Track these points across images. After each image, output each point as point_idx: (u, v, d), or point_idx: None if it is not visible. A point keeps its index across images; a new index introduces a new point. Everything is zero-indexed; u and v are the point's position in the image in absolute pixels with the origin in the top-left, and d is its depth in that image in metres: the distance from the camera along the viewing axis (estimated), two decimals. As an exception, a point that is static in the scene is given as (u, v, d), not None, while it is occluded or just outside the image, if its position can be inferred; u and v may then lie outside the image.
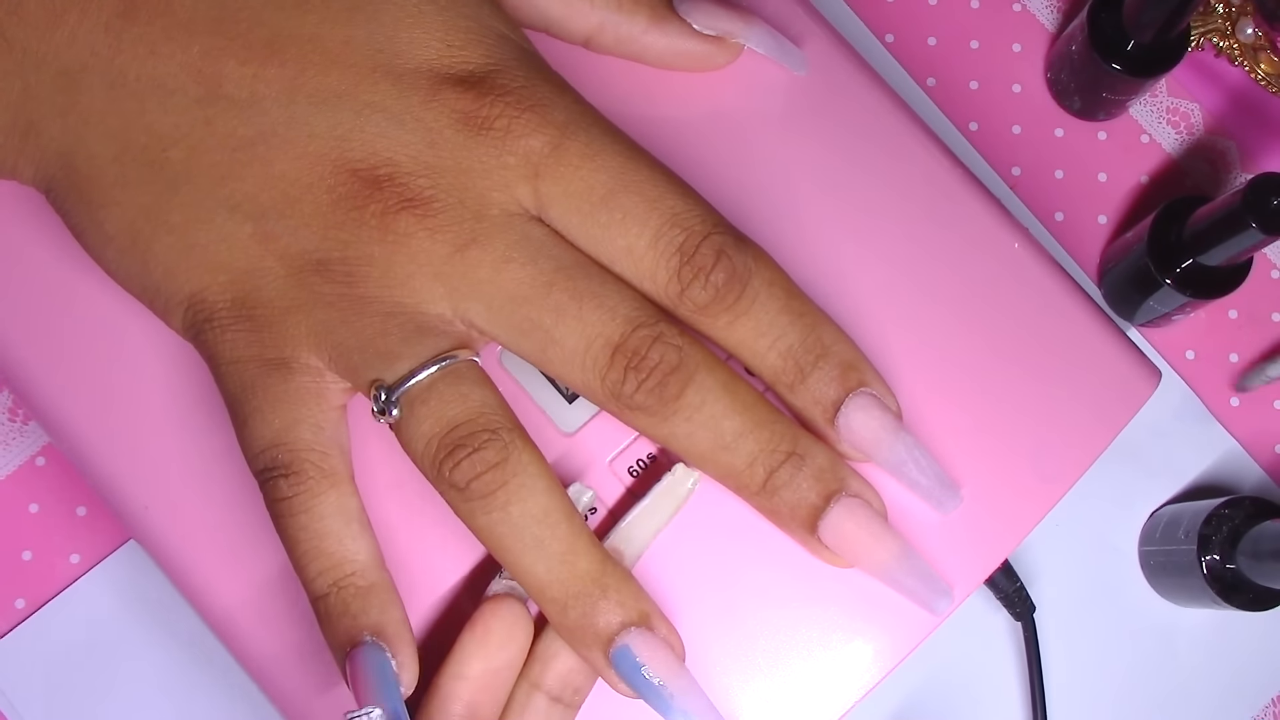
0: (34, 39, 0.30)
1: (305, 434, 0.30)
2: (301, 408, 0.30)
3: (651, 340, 0.29)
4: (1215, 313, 0.52)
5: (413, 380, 0.29)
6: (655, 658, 0.30)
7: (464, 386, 0.29)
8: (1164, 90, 0.54)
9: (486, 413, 0.29)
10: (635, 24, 0.34)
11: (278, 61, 0.30)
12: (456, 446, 0.29)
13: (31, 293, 0.35)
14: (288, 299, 0.30)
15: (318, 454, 0.30)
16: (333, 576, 0.30)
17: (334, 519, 0.30)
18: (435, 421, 0.29)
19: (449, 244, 0.29)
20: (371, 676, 0.29)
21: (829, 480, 0.31)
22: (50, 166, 0.31)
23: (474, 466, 0.29)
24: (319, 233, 0.30)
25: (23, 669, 0.49)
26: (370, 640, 0.30)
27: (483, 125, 0.30)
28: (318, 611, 0.30)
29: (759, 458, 0.31)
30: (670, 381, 0.29)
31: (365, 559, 0.30)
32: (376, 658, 0.29)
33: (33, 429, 0.50)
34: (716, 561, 0.34)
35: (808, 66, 0.35)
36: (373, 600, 0.30)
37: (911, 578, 0.32)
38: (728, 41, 0.34)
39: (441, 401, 0.29)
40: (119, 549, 0.49)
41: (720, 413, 0.30)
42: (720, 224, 0.30)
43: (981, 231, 0.36)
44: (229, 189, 0.30)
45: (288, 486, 0.30)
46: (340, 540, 0.30)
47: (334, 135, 0.30)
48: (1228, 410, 0.52)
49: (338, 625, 0.30)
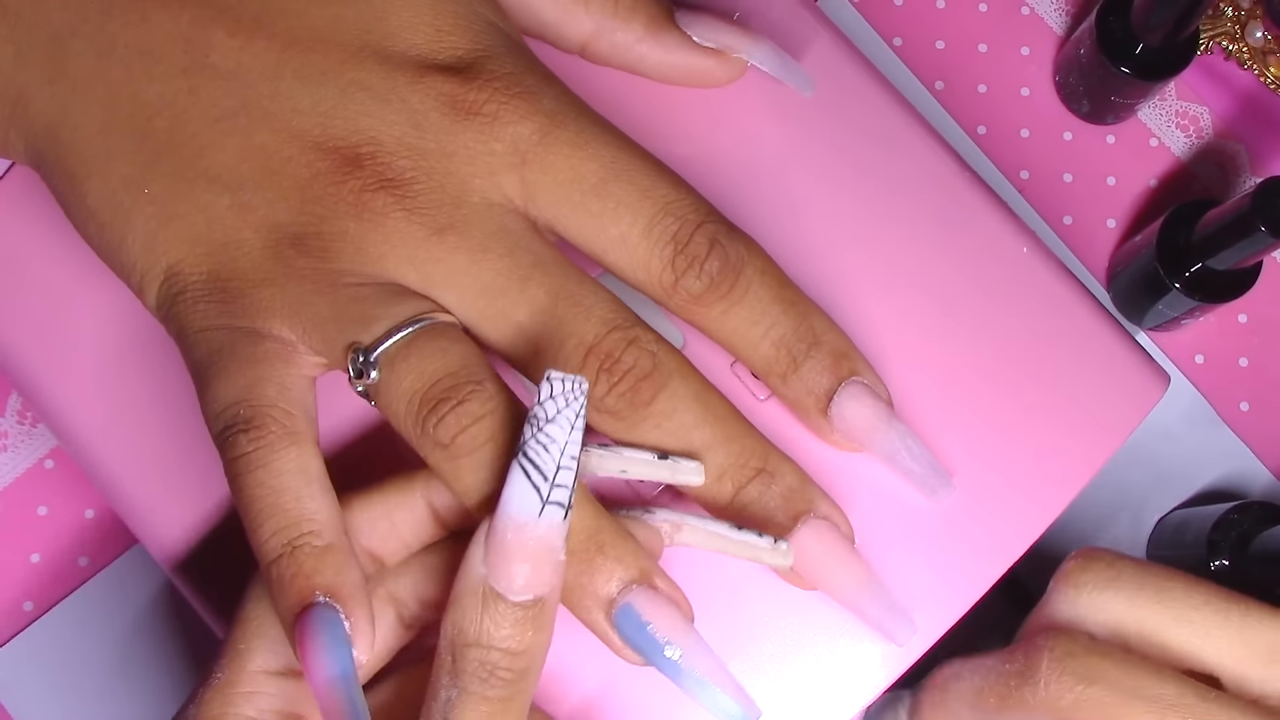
0: (28, 4, 0.30)
1: (269, 391, 0.29)
2: (268, 368, 0.29)
3: (626, 343, 0.29)
4: (1224, 317, 0.52)
5: (391, 339, 0.28)
6: (660, 615, 0.28)
7: (443, 342, 0.28)
8: (1173, 94, 0.54)
9: (469, 365, 0.28)
10: (631, 32, 0.33)
11: (265, 35, 0.30)
12: (440, 401, 0.27)
13: (40, 296, 0.35)
14: (262, 272, 0.29)
15: (281, 410, 0.29)
16: (287, 535, 0.28)
17: (293, 476, 0.28)
18: (416, 377, 0.28)
19: (425, 227, 0.29)
20: (321, 635, 0.27)
21: (797, 501, 0.30)
22: (39, 139, 0.31)
23: (459, 420, 0.27)
24: (296, 206, 0.29)
25: (31, 671, 0.49)
26: (324, 600, 0.27)
27: (469, 110, 0.29)
28: (269, 578, 0.28)
29: (728, 472, 0.30)
30: (643, 387, 0.29)
31: (324, 519, 0.28)
32: (329, 617, 0.27)
33: (41, 432, 0.50)
34: (724, 564, 0.33)
35: (814, 87, 0.35)
36: (328, 560, 0.28)
37: (875, 605, 0.31)
38: (729, 57, 0.34)
39: (421, 357, 0.28)
40: (127, 552, 0.49)
41: (691, 422, 0.30)
42: (712, 213, 0.30)
43: (990, 235, 0.35)
44: (209, 160, 0.30)
45: (247, 441, 0.28)
46: (299, 498, 0.28)
47: (317, 111, 0.29)
48: (1237, 414, 0.52)
49: (290, 587, 0.27)
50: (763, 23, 0.36)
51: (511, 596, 0.26)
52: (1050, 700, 0.29)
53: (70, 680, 0.49)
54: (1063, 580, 0.32)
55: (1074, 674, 0.29)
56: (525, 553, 0.26)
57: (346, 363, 0.28)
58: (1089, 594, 0.31)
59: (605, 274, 0.31)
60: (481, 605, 0.26)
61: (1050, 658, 0.30)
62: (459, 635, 0.27)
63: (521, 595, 0.26)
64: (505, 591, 0.26)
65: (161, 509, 0.34)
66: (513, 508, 0.26)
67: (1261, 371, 0.52)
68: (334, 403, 0.33)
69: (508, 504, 0.26)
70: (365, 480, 0.31)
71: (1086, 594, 0.31)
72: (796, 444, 0.33)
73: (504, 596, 0.26)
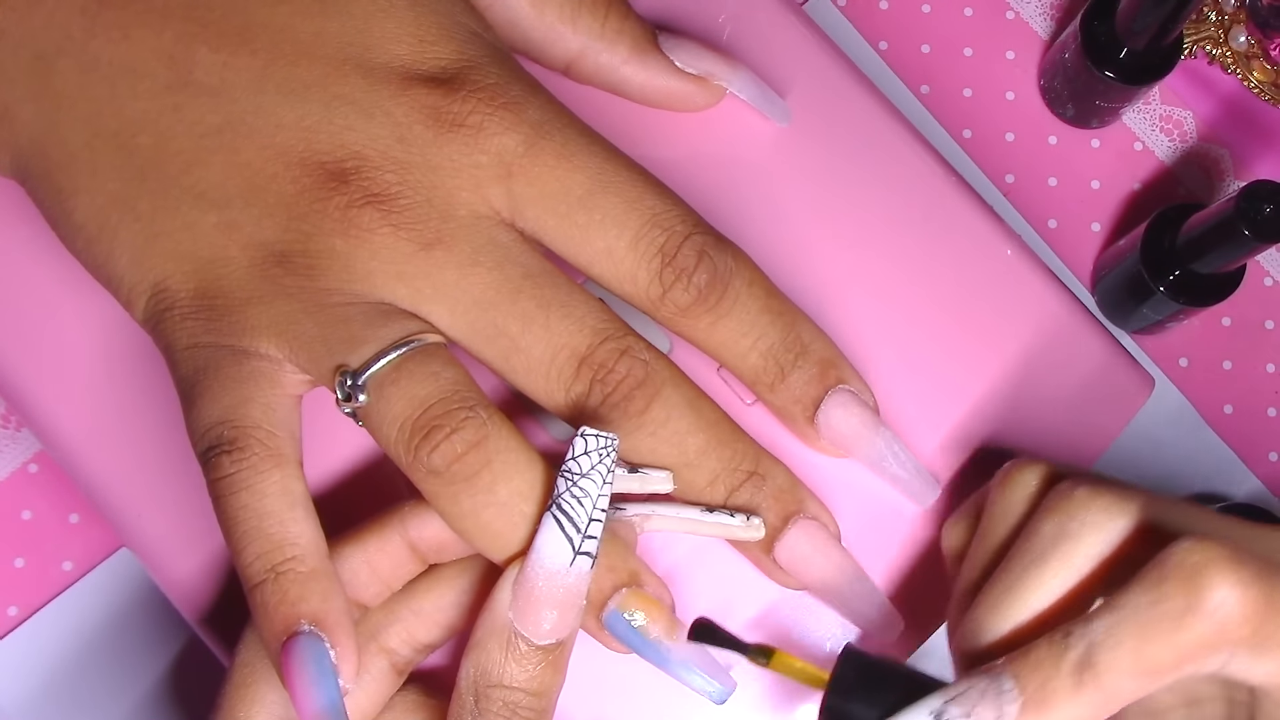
0: (12, 22, 0.30)
1: (254, 412, 0.29)
2: (254, 388, 0.29)
3: (619, 353, 0.29)
4: (1208, 320, 0.52)
5: (380, 362, 0.28)
6: (647, 614, 0.29)
7: (434, 365, 0.28)
8: (1157, 98, 0.54)
9: (460, 390, 0.28)
10: (616, 54, 0.33)
11: (248, 50, 0.29)
12: (433, 428, 0.27)
13: (23, 300, 0.35)
14: (248, 290, 0.29)
15: (265, 432, 0.29)
16: (271, 560, 0.28)
17: (277, 499, 0.28)
18: (407, 402, 0.28)
19: (413, 242, 0.29)
20: (308, 666, 0.27)
21: (788, 501, 0.31)
22: (24, 154, 0.31)
23: (454, 447, 0.27)
24: (282, 223, 0.29)
25: (15, 676, 0.48)
26: (309, 629, 0.28)
27: (454, 122, 0.29)
28: (253, 602, 0.28)
29: (720, 476, 0.30)
30: (636, 396, 0.29)
31: (308, 544, 0.28)
32: (314, 647, 0.27)
33: (25, 436, 0.49)
34: (722, 558, 0.34)
35: (790, 118, 0.35)
36: (313, 587, 0.28)
37: (863, 604, 0.32)
38: (710, 83, 0.34)
39: (411, 381, 0.28)
40: (111, 556, 0.49)
41: (684, 429, 0.30)
42: (700, 224, 0.30)
43: (975, 239, 0.36)
44: (195, 176, 0.29)
45: (230, 463, 0.28)
46: (282, 522, 0.28)
47: (301, 126, 0.29)
48: (1221, 418, 0.52)
49: (274, 614, 0.28)
50: (748, 27, 0.36)
51: (537, 641, 0.27)
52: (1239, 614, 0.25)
53: (54, 684, 0.49)
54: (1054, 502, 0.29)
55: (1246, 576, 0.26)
56: (554, 600, 0.27)
57: (334, 384, 0.28)
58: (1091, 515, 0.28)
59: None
60: (505, 648, 0.27)
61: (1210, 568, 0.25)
62: (482, 676, 0.28)
63: (546, 640, 0.27)
64: (532, 636, 0.27)
65: (146, 513, 0.34)
66: (545, 556, 0.27)
67: (1245, 375, 0.52)
68: (319, 420, 0.33)
69: (540, 552, 0.27)
70: (348, 498, 0.31)
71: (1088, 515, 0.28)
72: (783, 447, 0.33)
73: (529, 640, 0.27)
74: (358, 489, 0.34)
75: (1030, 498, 0.30)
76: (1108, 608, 0.26)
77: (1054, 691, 0.26)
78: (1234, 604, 0.25)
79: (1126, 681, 0.26)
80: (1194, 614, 0.25)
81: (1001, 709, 0.26)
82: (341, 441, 0.34)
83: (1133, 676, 0.26)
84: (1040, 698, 0.26)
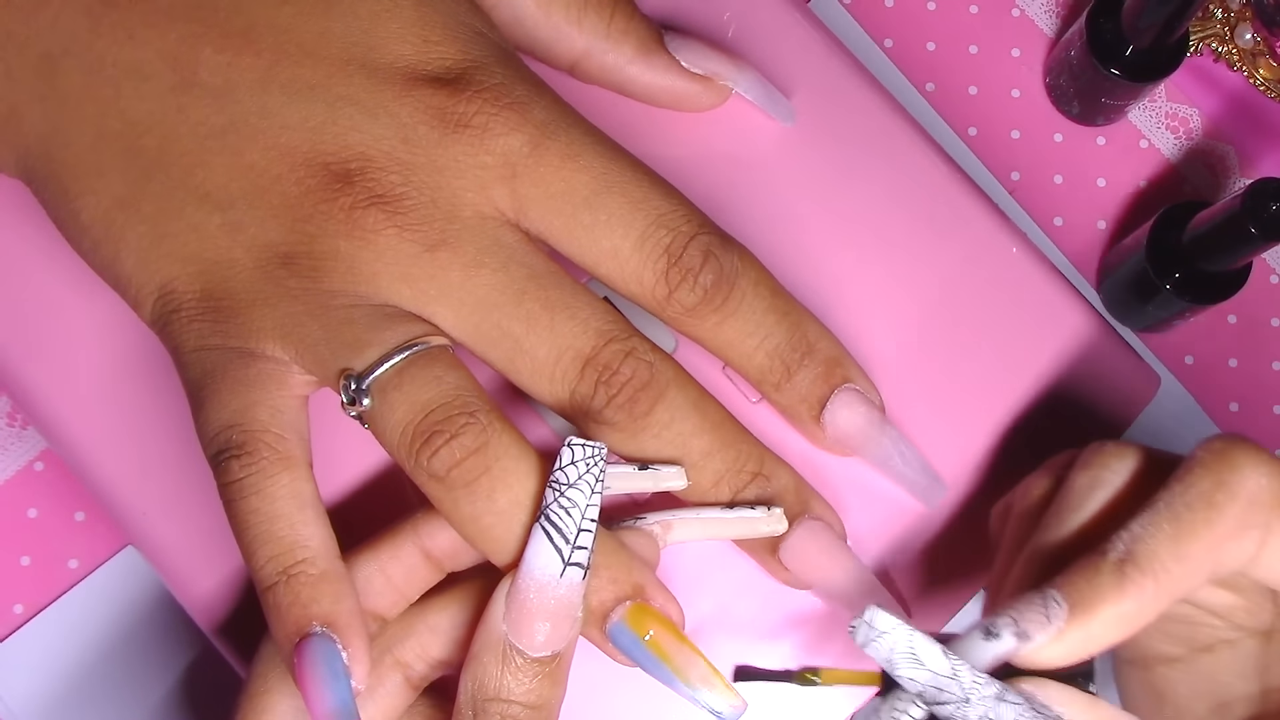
0: (18, 22, 0.30)
1: (262, 415, 0.29)
2: (261, 391, 0.29)
3: (624, 355, 0.29)
4: (1214, 318, 0.52)
5: (383, 367, 0.28)
6: (652, 628, 0.28)
7: (437, 370, 0.28)
8: (1163, 95, 0.54)
9: (462, 395, 0.28)
10: (621, 53, 0.33)
11: (253, 51, 0.29)
12: (433, 433, 0.27)
13: (29, 299, 0.35)
14: (253, 292, 0.29)
15: (273, 435, 0.29)
16: (283, 563, 0.28)
17: (287, 502, 0.28)
18: (409, 407, 0.28)
19: (418, 243, 0.29)
20: (320, 668, 0.27)
21: (792, 502, 0.31)
22: (30, 155, 0.31)
23: (453, 453, 0.27)
24: (286, 225, 0.29)
25: (21, 674, 0.48)
26: (321, 631, 0.28)
27: (459, 123, 0.29)
28: (266, 604, 0.28)
29: (725, 477, 0.30)
30: (641, 397, 0.29)
31: (318, 545, 0.29)
32: (326, 648, 0.28)
33: (31, 434, 0.49)
34: (724, 560, 0.34)
35: (795, 118, 0.35)
36: (324, 589, 0.28)
37: (869, 604, 0.31)
38: (715, 83, 0.34)
39: (414, 385, 0.28)
40: (117, 554, 0.49)
41: (689, 430, 0.30)
42: (706, 224, 0.30)
43: (981, 237, 0.36)
44: (199, 178, 0.29)
45: (240, 467, 0.28)
46: (292, 525, 0.28)
47: (306, 127, 0.29)
48: (1227, 415, 0.52)
49: (286, 616, 0.28)
50: (753, 25, 0.36)
51: (532, 653, 0.27)
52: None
53: (60, 683, 0.49)
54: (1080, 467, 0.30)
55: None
56: (546, 612, 0.27)
57: (339, 388, 0.28)
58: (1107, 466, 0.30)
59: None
60: (501, 661, 0.27)
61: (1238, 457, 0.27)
62: (480, 690, 0.28)
63: (541, 652, 0.27)
64: (526, 648, 0.27)
65: (151, 511, 0.34)
66: (535, 568, 0.27)
67: (1251, 372, 0.52)
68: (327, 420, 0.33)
69: (530, 565, 0.27)
70: (361, 498, 0.30)
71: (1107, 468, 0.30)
72: (789, 446, 0.33)
73: (524, 652, 0.27)
74: (373, 496, 0.34)
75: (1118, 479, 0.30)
76: (1144, 507, 0.27)
77: (1098, 590, 0.26)
78: (1262, 480, 0.27)
79: (1168, 571, 0.26)
80: (1224, 490, 0.27)
81: (1049, 615, 0.26)
82: (356, 448, 0.34)
83: (1173, 563, 0.26)
84: (1086, 600, 0.26)
